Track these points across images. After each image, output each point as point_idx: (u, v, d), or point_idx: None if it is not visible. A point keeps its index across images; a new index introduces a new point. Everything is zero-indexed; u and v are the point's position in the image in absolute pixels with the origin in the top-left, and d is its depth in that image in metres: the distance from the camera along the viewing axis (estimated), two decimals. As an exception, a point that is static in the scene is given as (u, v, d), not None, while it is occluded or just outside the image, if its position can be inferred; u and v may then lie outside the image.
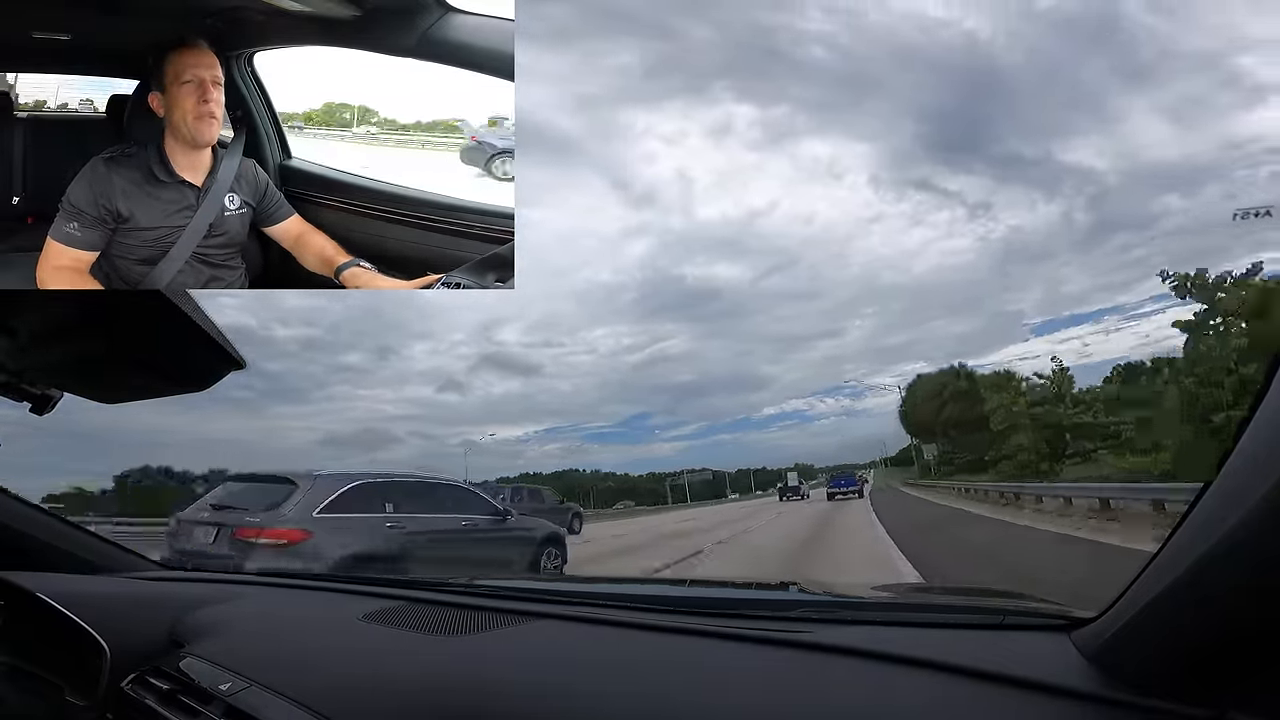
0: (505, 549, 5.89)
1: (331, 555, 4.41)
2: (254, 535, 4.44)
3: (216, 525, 4.59)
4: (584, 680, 0.79)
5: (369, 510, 4.94)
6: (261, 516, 4.56)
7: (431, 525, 5.29)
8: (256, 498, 4.81)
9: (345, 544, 4.53)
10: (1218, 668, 0.48)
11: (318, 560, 4.36)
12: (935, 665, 0.65)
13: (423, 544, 5.05)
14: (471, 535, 5.60)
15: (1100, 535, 7.58)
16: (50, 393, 0.81)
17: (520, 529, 6.35)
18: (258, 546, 4.37)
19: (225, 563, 4.25)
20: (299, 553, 4.36)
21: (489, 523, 5.85)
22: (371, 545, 4.73)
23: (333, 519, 4.67)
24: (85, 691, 0.99)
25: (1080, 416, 27.35)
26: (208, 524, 4.65)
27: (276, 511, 4.57)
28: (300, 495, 4.68)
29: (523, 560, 6.04)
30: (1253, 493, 0.42)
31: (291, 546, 4.38)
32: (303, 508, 4.61)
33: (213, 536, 4.55)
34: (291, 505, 4.60)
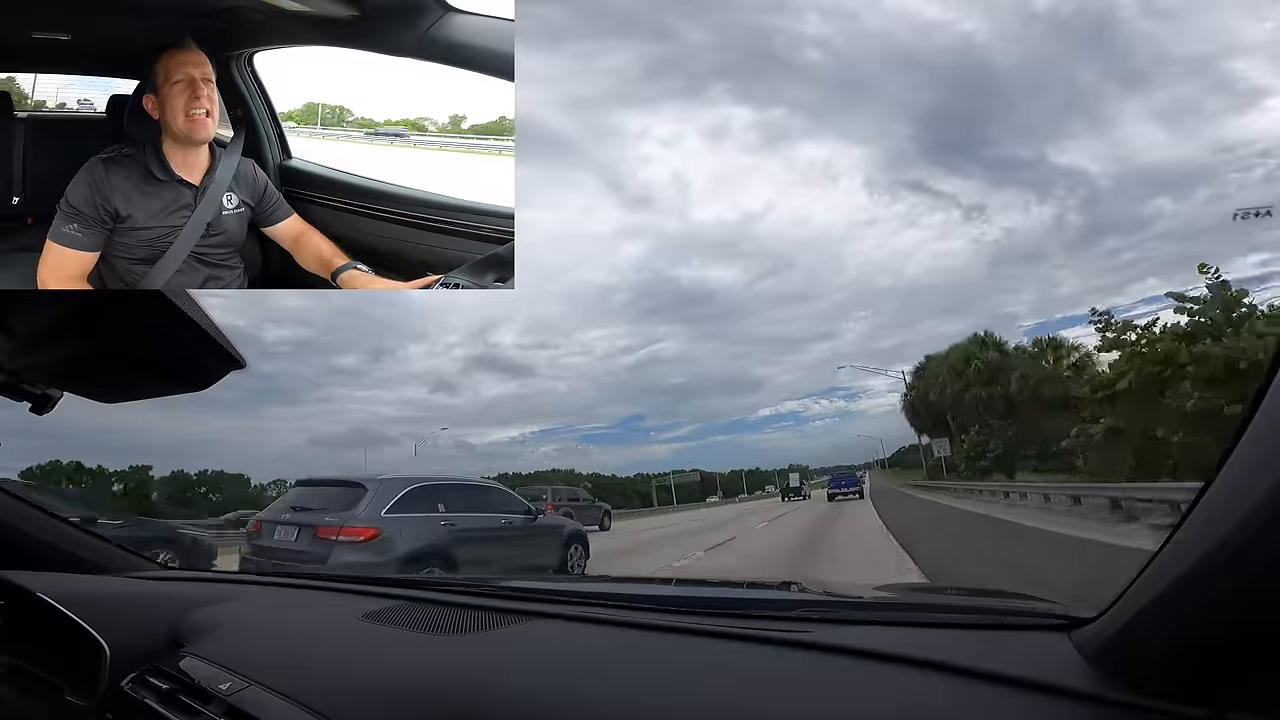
0: (537, 543, 6.66)
1: (398, 549, 5.09)
2: (334, 534, 5.03)
3: (298, 525, 5.19)
4: (584, 680, 0.79)
5: (425, 510, 5.57)
6: (339, 516, 5.14)
7: (476, 523, 5.95)
8: (330, 500, 5.43)
9: (408, 539, 5.20)
10: (1217, 668, 0.48)
11: (387, 554, 5.04)
12: (935, 665, 0.65)
13: (469, 539, 5.71)
14: (509, 532, 6.28)
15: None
16: (50, 393, 0.82)
17: (550, 526, 7.13)
18: (337, 543, 4.97)
19: (308, 558, 4.90)
20: (372, 547, 4.99)
21: (523, 520, 6.53)
22: (429, 540, 5.37)
23: (397, 518, 5.28)
24: (85, 691, 0.99)
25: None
26: (289, 524, 5.25)
27: (351, 512, 5.16)
28: (369, 497, 5.29)
29: (552, 554, 6.82)
30: (1253, 493, 0.42)
31: (366, 542, 4.99)
32: (373, 508, 5.22)
33: (294, 535, 5.16)
34: (363, 506, 5.21)
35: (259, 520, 5.64)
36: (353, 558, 4.89)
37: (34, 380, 0.80)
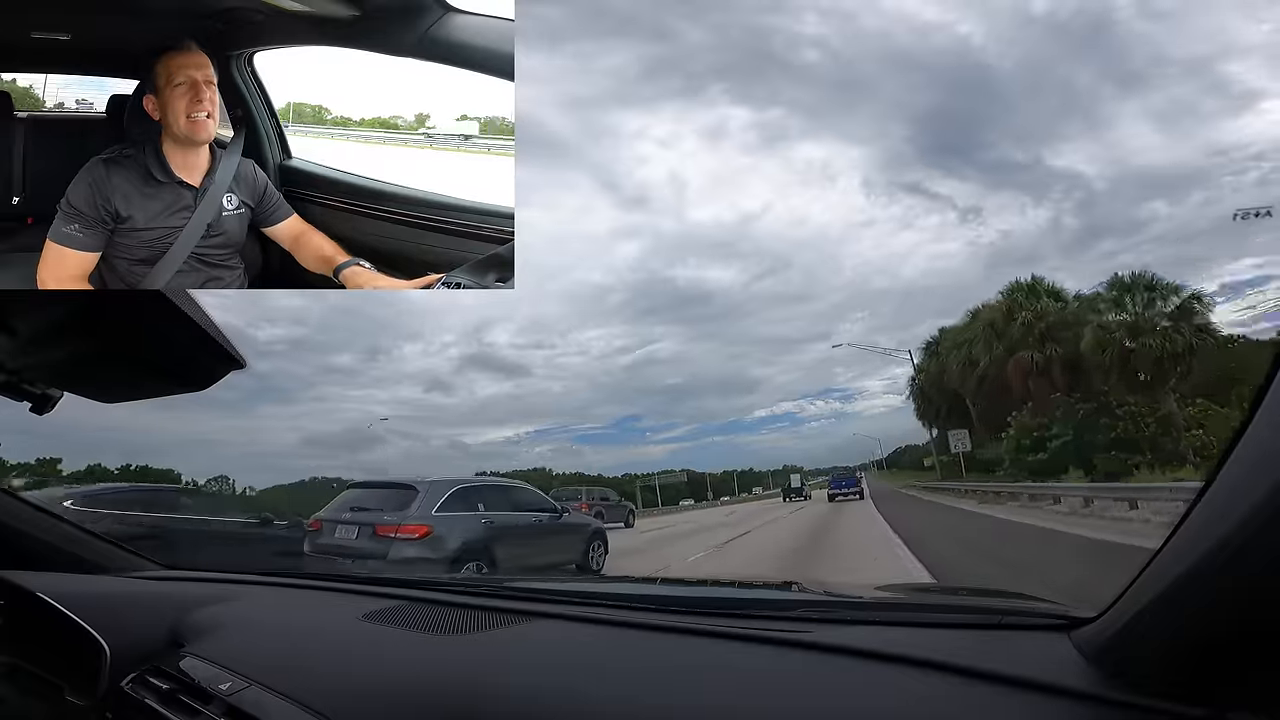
0: (564, 539, 7.27)
1: (447, 545, 5.64)
2: (393, 531, 5.54)
3: (357, 524, 5.71)
4: (584, 680, 0.79)
5: (467, 509, 6.12)
6: (396, 516, 5.65)
7: (512, 520, 6.54)
8: (383, 501, 5.95)
9: (456, 536, 5.74)
10: (1217, 668, 0.48)
11: (438, 549, 5.57)
12: (935, 665, 0.65)
13: (507, 535, 6.28)
14: (539, 528, 6.89)
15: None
16: (50, 392, 0.82)
17: (575, 524, 7.73)
18: (395, 540, 5.48)
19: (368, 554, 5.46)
20: (425, 544, 5.53)
21: (550, 518, 7.15)
22: (472, 537, 5.90)
23: (446, 516, 5.84)
24: (85, 691, 0.99)
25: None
26: (350, 523, 5.77)
27: (406, 511, 5.67)
28: (421, 498, 5.83)
29: (576, 549, 7.41)
30: (1253, 493, 0.42)
31: (420, 539, 5.54)
32: (425, 507, 5.76)
33: (355, 533, 5.68)
34: (416, 506, 5.75)
35: (318, 520, 6.10)
36: (409, 553, 5.39)
37: (34, 380, 0.80)
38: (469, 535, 5.91)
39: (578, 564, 7.41)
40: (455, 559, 5.64)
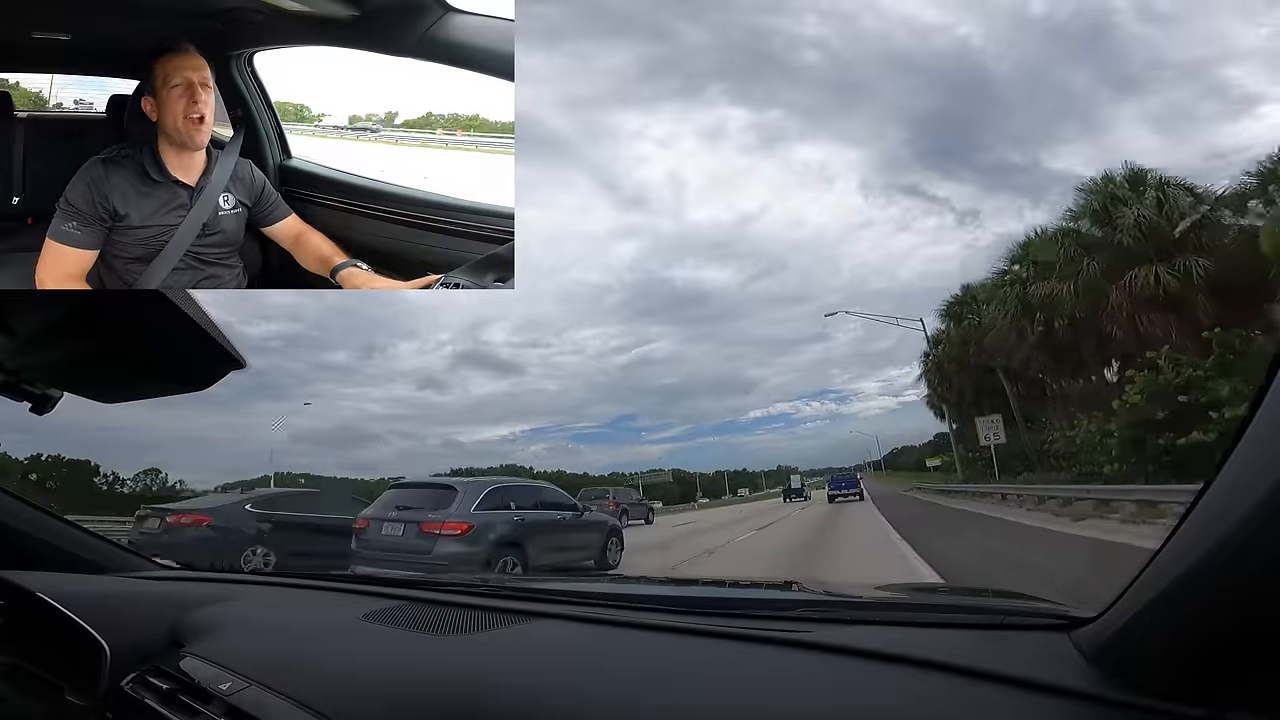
0: (585, 535, 7.79)
1: (486, 541, 6.12)
2: (438, 528, 6.00)
3: (403, 522, 6.16)
4: (584, 680, 0.79)
5: (501, 507, 6.62)
6: (440, 514, 6.13)
7: (540, 518, 7.08)
8: (425, 500, 6.46)
9: (493, 532, 6.25)
10: (1217, 668, 0.48)
11: (478, 545, 6.06)
12: (935, 665, 0.65)
13: (536, 532, 6.80)
14: (563, 525, 7.42)
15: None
16: (50, 392, 0.81)
17: (594, 521, 8.23)
18: (440, 536, 5.96)
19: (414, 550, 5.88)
20: (466, 539, 6.02)
21: (572, 515, 7.72)
22: (507, 533, 6.41)
23: (484, 514, 6.33)
24: (85, 691, 0.99)
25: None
26: (396, 521, 6.23)
27: (449, 510, 6.17)
28: (461, 497, 6.33)
29: (596, 545, 7.89)
30: (1253, 493, 0.42)
31: (462, 535, 6.05)
32: (465, 506, 6.25)
33: (401, 530, 6.14)
34: (457, 505, 6.24)
35: (365, 518, 6.56)
36: (452, 549, 5.88)
37: (34, 380, 0.80)
38: (504, 532, 6.39)
39: (596, 559, 7.85)
40: (493, 554, 6.12)
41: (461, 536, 6.02)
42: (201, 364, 0.80)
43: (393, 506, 6.50)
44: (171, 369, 0.82)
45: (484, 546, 6.07)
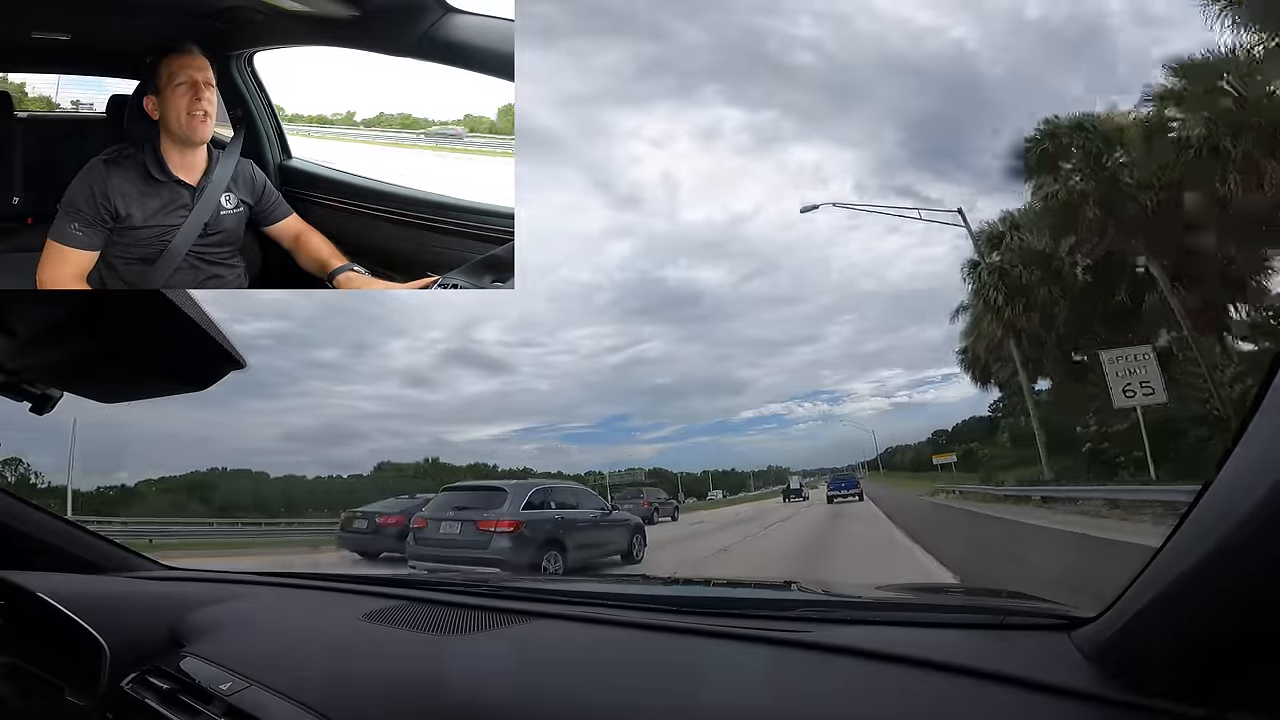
0: (614, 532, 8.46)
1: (533, 537, 6.85)
2: (492, 526, 6.76)
3: (460, 521, 6.93)
4: (583, 680, 0.79)
5: (544, 507, 7.34)
6: (494, 513, 6.90)
7: (576, 517, 7.77)
8: (477, 501, 7.23)
9: (538, 530, 6.97)
10: (1217, 668, 0.48)
11: (527, 541, 6.76)
12: (935, 665, 0.65)
13: (574, 529, 7.51)
14: (595, 522, 8.13)
15: None
16: (50, 392, 0.81)
17: (621, 519, 8.86)
18: (495, 533, 6.73)
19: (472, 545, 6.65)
20: (517, 536, 6.73)
21: (602, 514, 8.42)
22: (550, 531, 7.13)
23: (531, 514, 7.06)
24: (85, 691, 0.99)
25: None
26: (453, 520, 7.01)
27: (501, 510, 6.93)
28: (510, 498, 7.08)
29: (623, 541, 8.52)
30: (1253, 493, 0.42)
31: (513, 532, 6.72)
32: (514, 506, 6.99)
33: (458, 529, 6.89)
34: (508, 505, 6.98)
35: (423, 518, 7.32)
36: (505, 544, 6.65)
37: (34, 380, 0.80)
38: (547, 530, 7.12)
39: (623, 554, 8.49)
40: (539, 549, 6.84)
41: (512, 533, 6.75)
42: (201, 364, 0.80)
43: (449, 507, 7.27)
44: (171, 369, 0.82)
45: (531, 542, 6.79)
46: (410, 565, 7.15)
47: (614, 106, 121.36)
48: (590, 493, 9.15)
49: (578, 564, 7.36)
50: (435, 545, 6.94)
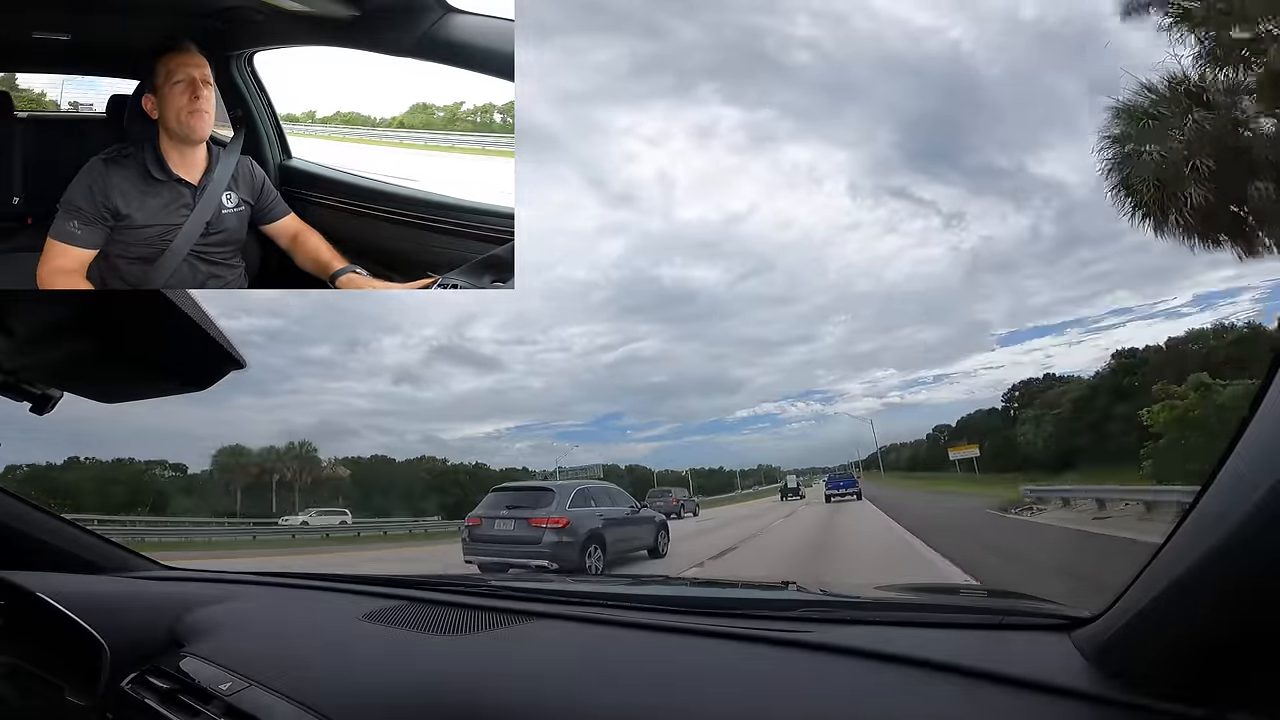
0: (643, 527, 9.38)
1: (579, 532, 7.69)
2: (544, 522, 7.58)
3: (514, 518, 7.80)
4: (583, 680, 0.79)
5: (586, 505, 8.22)
6: (545, 511, 7.72)
7: (613, 514, 8.61)
8: (527, 501, 8.04)
9: (582, 526, 7.81)
10: (1217, 668, 0.48)
11: (574, 536, 7.59)
12: (935, 665, 0.65)
13: (611, 525, 8.35)
14: (629, 519, 9.02)
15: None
16: (50, 392, 0.81)
17: (648, 516, 9.78)
18: (546, 529, 7.52)
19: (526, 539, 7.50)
20: (565, 531, 7.56)
21: (633, 510, 9.30)
22: (593, 526, 8.00)
23: (576, 511, 7.90)
24: (85, 691, 0.99)
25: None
26: (507, 518, 7.86)
27: (550, 508, 7.75)
28: (558, 498, 7.93)
29: (650, 536, 9.45)
30: (1253, 492, 0.42)
31: (562, 528, 7.55)
32: (561, 504, 7.84)
33: (512, 525, 7.75)
34: (556, 503, 7.82)
35: (477, 516, 8.17)
36: (555, 538, 7.48)
37: (34, 380, 0.80)
38: (591, 525, 7.96)
39: (650, 548, 9.40)
40: (584, 543, 7.71)
41: (561, 529, 7.56)
42: (201, 364, 0.80)
43: (501, 506, 8.08)
44: (171, 369, 0.82)
45: (577, 537, 7.63)
46: (466, 561, 7.99)
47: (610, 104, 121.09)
48: (622, 492, 9.93)
49: (614, 557, 8.24)
50: (490, 542, 7.78)
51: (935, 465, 48.86)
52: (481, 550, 7.85)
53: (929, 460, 52.74)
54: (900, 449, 62.85)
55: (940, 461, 46.62)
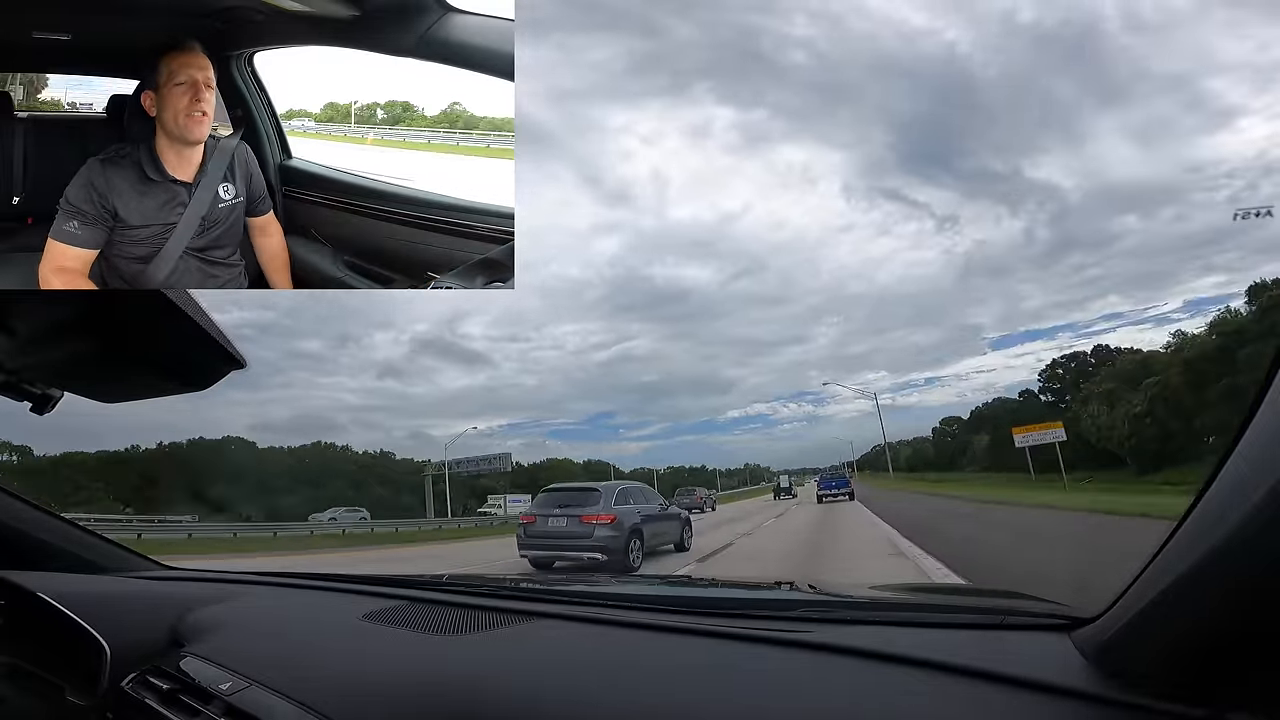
0: (671, 522, 10.33)
1: (625, 527, 8.50)
2: (594, 519, 8.43)
3: (566, 515, 8.65)
4: (584, 680, 0.79)
5: (627, 503, 9.02)
6: (593, 509, 8.58)
7: (648, 510, 9.47)
8: (576, 500, 8.87)
9: (627, 521, 8.62)
10: (1217, 668, 0.48)
11: (619, 531, 8.41)
12: (935, 665, 0.65)
13: (647, 521, 9.20)
14: (661, 515, 9.90)
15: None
16: (50, 392, 0.81)
17: (674, 512, 10.70)
18: (596, 525, 8.38)
19: (578, 534, 8.39)
20: (612, 527, 8.39)
21: (662, 507, 10.20)
22: (634, 522, 8.78)
23: (620, 508, 8.73)
24: (85, 691, 0.99)
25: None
26: (560, 515, 8.72)
27: (599, 506, 8.61)
28: (604, 497, 8.76)
29: (678, 529, 10.44)
30: (1253, 492, 0.42)
31: (610, 524, 8.40)
32: (608, 503, 8.70)
33: (565, 522, 8.61)
34: (603, 501, 8.69)
35: (531, 514, 9.14)
36: (604, 533, 8.34)
37: (34, 380, 0.80)
38: (633, 521, 8.75)
39: (675, 542, 10.33)
40: (628, 537, 8.53)
41: (609, 524, 8.41)
42: (201, 364, 0.80)
43: (554, 505, 8.95)
44: (171, 369, 0.82)
45: (622, 531, 8.46)
46: (521, 555, 8.92)
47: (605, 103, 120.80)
48: (653, 491, 10.96)
49: (650, 549, 9.18)
50: (545, 537, 8.70)
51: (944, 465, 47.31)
52: (536, 545, 8.75)
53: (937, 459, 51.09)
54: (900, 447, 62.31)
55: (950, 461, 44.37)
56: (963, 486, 29.67)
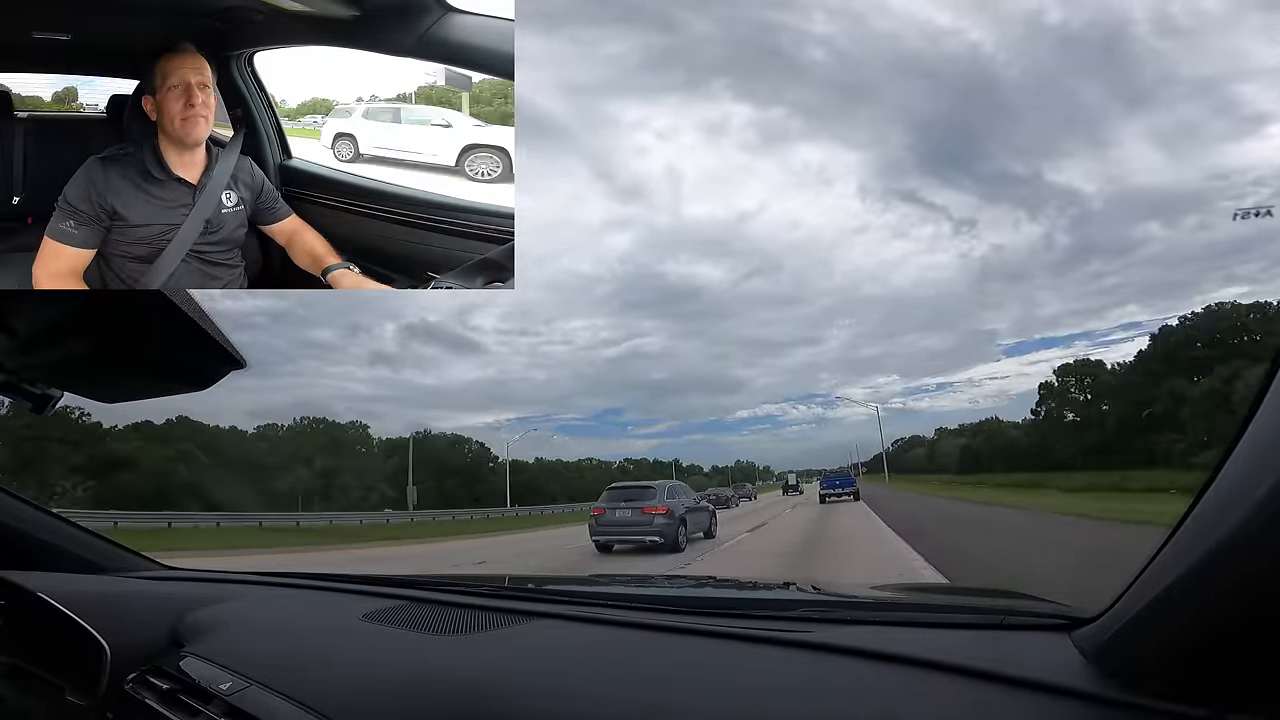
0: (703, 515, 12.46)
1: (675, 517, 10.61)
2: (653, 510, 10.49)
3: (630, 507, 10.68)
4: (584, 680, 0.79)
5: (675, 498, 11.15)
6: (651, 501, 10.63)
7: (687, 504, 11.61)
8: (637, 494, 10.96)
9: (677, 513, 10.72)
10: (1217, 668, 0.48)
11: (672, 521, 10.55)
12: (935, 665, 0.65)
13: (689, 512, 11.33)
14: (695, 508, 12.05)
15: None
16: (50, 392, 0.81)
17: (705, 505, 13.23)
18: (655, 515, 10.43)
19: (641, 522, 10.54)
20: (667, 516, 10.49)
21: (696, 502, 12.55)
22: (682, 513, 10.89)
23: (670, 501, 10.80)
24: (85, 691, 0.99)
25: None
26: (625, 508, 10.73)
27: (657, 499, 10.68)
28: (659, 492, 10.94)
29: (707, 521, 12.62)
30: (1253, 492, 0.42)
31: (665, 514, 10.47)
32: (662, 497, 10.78)
33: (630, 513, 10.61)
34: (659, 496, 10.79)
35: (601, 507, 11.07)
36: (661, 522, 10.39)
37: (34, 380, 0.80)
38: (680, 512, 10.78)
39: (705, 531, 12.29)
40: (679, 525, 10.59)
41: (665, 515, 10.45)
42: (201, 364, 0.80)
43: (619, 499, 10.93)
44: (171, 369, 0.82)
45: (674, 520, 10.50)
46: (593, 540, 10.98)
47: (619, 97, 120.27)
48: (688, 488, 13.49)
49: (692, 535, 11.27)
50: (614, 525, 10.71)
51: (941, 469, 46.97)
52: (607, 532, 10.80)
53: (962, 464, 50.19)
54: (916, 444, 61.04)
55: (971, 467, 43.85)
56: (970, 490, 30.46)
